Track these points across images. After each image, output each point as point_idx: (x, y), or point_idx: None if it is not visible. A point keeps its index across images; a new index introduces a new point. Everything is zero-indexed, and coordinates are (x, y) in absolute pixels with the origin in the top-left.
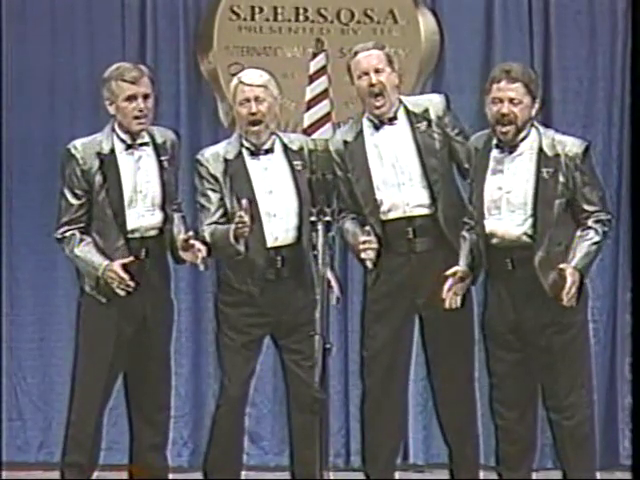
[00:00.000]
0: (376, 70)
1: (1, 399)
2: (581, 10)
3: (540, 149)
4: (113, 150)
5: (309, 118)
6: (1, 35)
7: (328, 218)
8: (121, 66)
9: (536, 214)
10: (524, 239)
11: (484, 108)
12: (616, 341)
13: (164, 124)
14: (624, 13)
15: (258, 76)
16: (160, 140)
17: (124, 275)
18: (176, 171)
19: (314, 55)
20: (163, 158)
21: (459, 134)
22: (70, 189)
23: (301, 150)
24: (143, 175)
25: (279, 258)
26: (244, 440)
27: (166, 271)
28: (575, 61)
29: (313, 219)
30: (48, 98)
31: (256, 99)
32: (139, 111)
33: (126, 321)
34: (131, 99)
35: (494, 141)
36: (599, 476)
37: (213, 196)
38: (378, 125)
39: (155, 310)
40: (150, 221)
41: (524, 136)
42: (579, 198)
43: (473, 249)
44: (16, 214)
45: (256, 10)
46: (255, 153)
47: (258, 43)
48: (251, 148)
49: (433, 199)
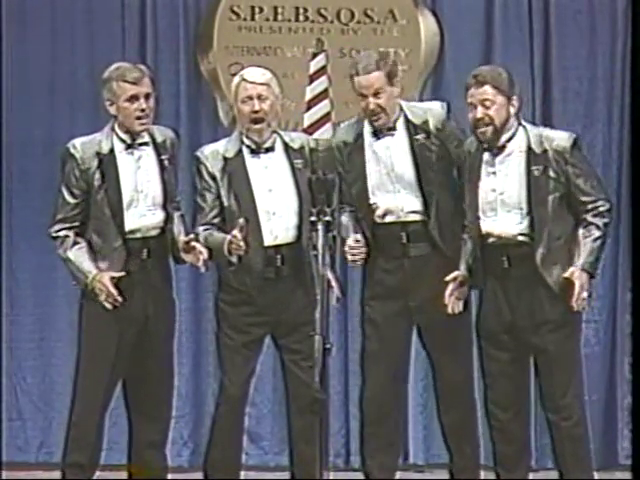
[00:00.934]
0: (375, 94)
1: (1, 399)
2: (581, 10)
3: (529, 147)
4: (112, 150)
5: (309, 118)
6: (1, 35)
7: (328, 218)
8: (121, 66)
9: (532, 212)
10: (521, 238)
11: None
12: (616, 341)
13: (164, 124)
14: (624, 13)
15: (261, 74)
16: (160, 139)
17: (112, 290)
18: (176, 170)
19: (314, 55)
20: (163, 157)
21: (458, 146)
22: (67, 187)
23: (302, 149)
24: (143, 174)
25: (279, 257)
26: (243, 440)
27: (168, 271)
28: (575, 61)
29: (313, 219)
30: (48, 98)
31: (259, 97)
32: (141, 111)
33: (128, 322)
34: (133, 99)
35: (484, 144)
36: (598, 476)
37: (208, 196)
38: (378, 133)
39: (157, 310)
40: (152, 220)
41: (510, 136)
42: (574, 190)
43: (473, 252)
44: (16, 214)
45: (256, 10)
46: (256, 151)
47: (258, 43)
48: (252, 146)
49: (427, 207)
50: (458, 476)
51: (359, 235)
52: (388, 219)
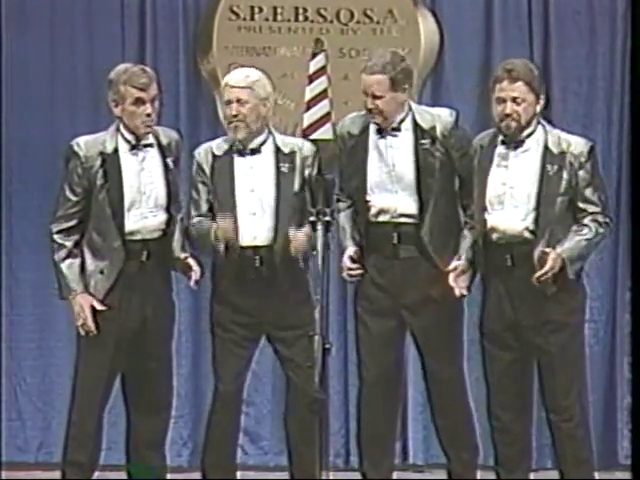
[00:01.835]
0: (374, 96)
1: (1, 399)
2: (581, 10)
3: (546, 146)
4: (117, 150)
5: (309, 118)
6: (1, 35)
7: (328, 218)
8: (129, 70)
9: (539, 210)
10: (525, 234)
11: (483, 107)
12: (616, 341)
13: (164, 124)
14: (624, 13)
15: (244, 77)
16: (165, 141)
17: (90, 323)
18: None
19: (314, 55)
20: (168, 159)
21: (463, 156)
22: (69, 185)
23: (292, 154)
24: (147, 176)
25: (257, 257)
26: (239, 437)
27: (168, 273)
28: (575, 61)
29: (313, 219)
30: (48, 98)
31: (238, 101)
32: (147, 115)
33: (126, 323)
34: (139, 103)
35: (499, 138)
36: (598, 476)
37: (202, 189)
38: (382, 131)
39: (156, 312)
40: (153, 222)
41: (530, 132)
42: (580, 197)
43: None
44: (16, 214)
45: (255, 10)
46: (242, 152)
47: (258, 43)
48: (238, 147)
49: (422, 212)
50: (456, 477)
51: (354, 251)
52: (381, 218)
